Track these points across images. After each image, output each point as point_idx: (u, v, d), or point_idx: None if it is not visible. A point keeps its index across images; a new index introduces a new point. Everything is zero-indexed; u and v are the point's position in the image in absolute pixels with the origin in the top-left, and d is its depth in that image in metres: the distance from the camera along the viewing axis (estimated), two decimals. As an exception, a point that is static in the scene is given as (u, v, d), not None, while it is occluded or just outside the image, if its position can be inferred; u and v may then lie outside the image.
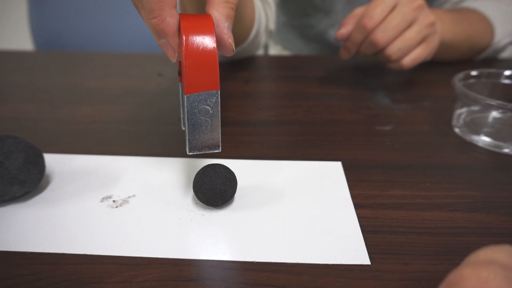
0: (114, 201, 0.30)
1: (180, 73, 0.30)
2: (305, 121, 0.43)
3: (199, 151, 0.27)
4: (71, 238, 0.26)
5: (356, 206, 0.30)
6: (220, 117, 0.26)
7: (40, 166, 0.30)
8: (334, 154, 0.37)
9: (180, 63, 0.29)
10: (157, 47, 0.62)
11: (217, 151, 0.27)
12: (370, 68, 0.60)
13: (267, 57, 0.68)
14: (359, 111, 0.46)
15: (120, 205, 0.30)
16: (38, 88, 0.53)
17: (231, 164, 0.34)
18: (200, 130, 0.26)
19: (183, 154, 0.36)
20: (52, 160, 0.35)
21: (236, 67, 0.60)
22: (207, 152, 0.27)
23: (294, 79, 0.56)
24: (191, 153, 0.27)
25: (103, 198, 0.30)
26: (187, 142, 0.27)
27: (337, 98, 0.50)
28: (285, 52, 0.86)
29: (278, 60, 0.66)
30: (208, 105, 0.26)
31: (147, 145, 0.38)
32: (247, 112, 0.46)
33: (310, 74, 0.58)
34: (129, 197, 0.31)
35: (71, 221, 0.28)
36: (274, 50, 0.88)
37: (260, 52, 0.71)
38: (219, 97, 0.26)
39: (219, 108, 0.26)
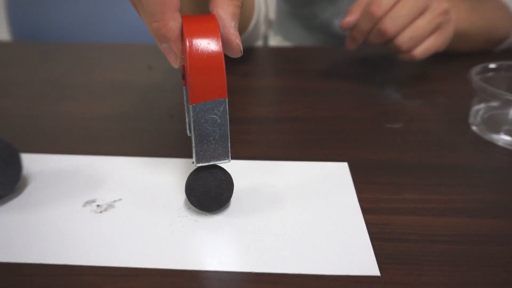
0: (98, 205, 0.30)
1: (184, 77, 0.30)
2: (307, 118, 0.43)
3: (207, 162, 0.27)
4: (49, 246, 0.26)
5: (364, 211, 0.29)
6: (228, 126, 0.27)
7: (17, 167, 0.30)
8: (340, 154, 0.36)
9: (184, 67, 0.28)
10: (146, 37, 0.62)
11: (226, 161, 0.27)
12: (378, 61, 0.60)
13: (266, 48, 0.68)
14: (367, 107, 0.46)
15: (105, 210, 0.29)
16: (15, 82, 0.52)
17: (227, 165, 0.34)
18: (207, 140, 0.26)
19: (174, 154, 0.36)
20: (30, 161, 0.35)
21: (232, 59, 0.59)
22: (216, 163, 0.27)
23: (295, 73, 0.56)
24: (199, 165, 0.27)
25: (86, 202, 0.30)
26: (194, 154, 0.27)
27: (343, 94, 0.50)
28: (286, 43, 0.86)
29: (278, 52, 0.66)
30: (215, 114, 0.26)
31: (135, 144, 0.38)
32: (244, 108, 0.46)
33: (313, 67, 0.58)
34: (115, 201, 0.30)
35: (50, 227, 0.28)
36: (274, 41, 0.87)
37: (259, 43, 0.71)
38: (227, 105, 0.26)
39: (228, 117, 0.26)
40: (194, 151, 0.27)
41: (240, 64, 0.58)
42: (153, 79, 0.53)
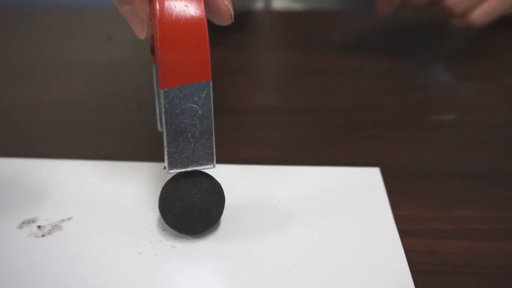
0: (39, 226, 0.30)
1: (153, 51, 0.30)
2: (324, 108, 0.44)
3: (184, 168, 0.27)
4: (-26, 282, 0.26)
5: (403, 233, 0.29)
6: (213, 118, 0.27)
7: None
8: (369, 156, 0.37)
9: (153, 37, 0.28)
10: (105, -3, 0.62)
11: (210, 167, 0.27)
12: (421, 29, 0.60)
13: (269, 12, 0.68)
14: (406, 92, 0.46)
15: (49, 233, 0.29)
16: None
17: (216, 171, 0.34)
18: (184, 138, 0.26)
19: (144, 157, 0.36)
20: None
21: (221, 28, 0.59)
22: (196, 168, 0.27)
23: (308, 46, 0.56)
24: (172, 171, 0.27)
25: (23, 223, 0.30)
26: (166, 156, 0.27)
27: (373, 74, 0.50)
28: (295, 5, 0.85)
29: (285, 17, 0.66)
30: (195, 102, 0.26)
31: (91, 142, 0.38)
32: (240, 94, 0.46)
33: (332, 39, 0.58)
34: (63, 220, 0.30)
35: (-25, 257, 0.28)
36: (280, 2, 0.87)
37: (259, 5, 0.71)
38: (211, 90, 0.26)
39: (212, 106, 0.26)
40: (166, 153, 0.27)
41: (233, 34, 0.58)
42: (114, 54, 0.53)
